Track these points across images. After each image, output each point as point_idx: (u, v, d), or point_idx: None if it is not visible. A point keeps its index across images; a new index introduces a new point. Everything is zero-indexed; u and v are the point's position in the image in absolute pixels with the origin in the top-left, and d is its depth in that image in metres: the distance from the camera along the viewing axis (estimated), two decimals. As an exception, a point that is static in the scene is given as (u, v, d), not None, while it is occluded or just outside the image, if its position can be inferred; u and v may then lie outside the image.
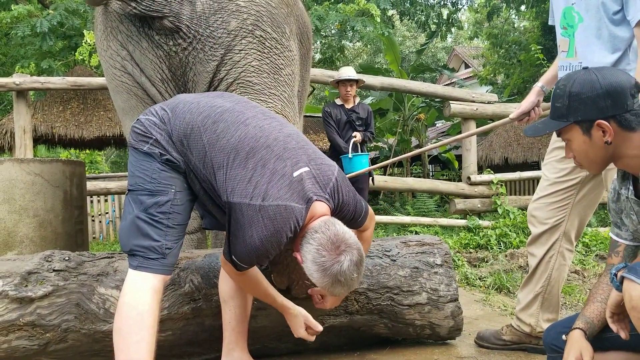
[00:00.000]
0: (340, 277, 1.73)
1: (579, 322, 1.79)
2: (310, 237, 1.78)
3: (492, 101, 6.68)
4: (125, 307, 1.78)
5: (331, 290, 1.78)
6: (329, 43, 10.95)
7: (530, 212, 2.56)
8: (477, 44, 26.05)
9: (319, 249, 1.74)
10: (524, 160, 12.29)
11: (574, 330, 1.77)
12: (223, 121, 1.92)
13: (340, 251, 1.74)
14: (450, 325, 2.59)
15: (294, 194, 1.78)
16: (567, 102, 1.73)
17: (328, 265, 1.72)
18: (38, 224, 2.97)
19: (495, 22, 17.06)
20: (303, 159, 1.87)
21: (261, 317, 2.35)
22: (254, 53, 2.74)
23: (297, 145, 1.91)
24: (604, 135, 1.69)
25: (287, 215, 1.75)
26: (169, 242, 1.87)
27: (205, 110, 1.97)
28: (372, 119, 5.56)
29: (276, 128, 1.95)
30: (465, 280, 4.31)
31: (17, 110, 6.14)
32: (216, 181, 1.87)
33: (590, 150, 1.75)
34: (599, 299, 1.81)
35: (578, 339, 1.74)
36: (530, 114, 2.63)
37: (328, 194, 1.86)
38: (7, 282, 2.07)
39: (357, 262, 1.76)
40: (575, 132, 1.75)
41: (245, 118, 1.95)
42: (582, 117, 1.71)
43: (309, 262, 1.77)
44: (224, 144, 1.87)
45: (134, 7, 2.56)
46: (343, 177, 1.97)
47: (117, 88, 2.92)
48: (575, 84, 1.72)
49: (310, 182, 1.83)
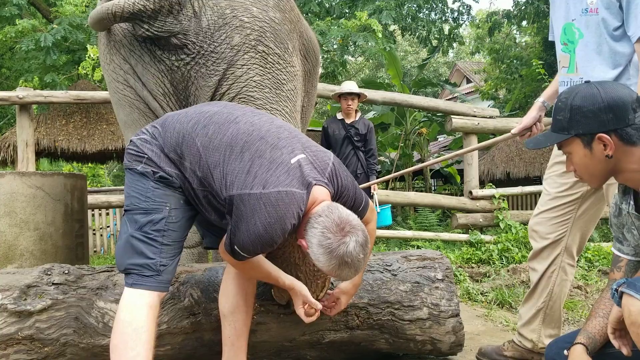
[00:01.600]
0: (347, 258, 1.73)
1: (580, 337, 1.77)
2: (314, 221, 1.78)
3: (494, 116, 6.69)
4: (121, 323, 1.78)
5: (338, 272, 1.78)
6: (331, 58, 11.00)
7: (531, 226, 2.55)
8: (478, 59, 26.17)
9: (324, 232, 1.74)
10: (526, 174, 12.26)
11: (576, 346, 1.75)
12: (213, 123, 1.94)
13: (345, 232, 1.74)
14: (451, 341, 2.57)
15: (294, 180, 1.79)
16: (569, 115, 1.73)
17: (334, 247, 1.72)
18: (38, 238, 2.97)
19: (496, 38, 17.15)
20: (298, 146, 1.89)
21: (261, 332, 2.34)
22: (256, 68, 2.75)
23: (289, 135, 1.93)
24: (605, 148, 1.69)
25: (289, 201, 1.76)
26: (164, 259, 1.87)
27: (194, 117, 1.99)
28: (372, 134, 5.52)
29: (267, 122, 1.98)
30: (467, 295, 4.29)
31: (19, 124, 6.17)
32: (214, 180, 1.87)
33: (591, 164, 1.75)
34: (601, 314, 1.79)
35: (579, 355, 1.73)
36: (532, 129, 2.63)
37: (327, 179, 1.88)
38: (6, 295, 2.07)
39: (363, 242, 1.76)
40: (576, 145, 1.75)
41: (234, 117, 1.97)
42: (583, 130, 1.71)
43: (314, 247, 1.76)
44: (217, 144, 1.89)
45: (146, 30, 2.58)
46: (339, 162, 1.99)
47: (120, 101, 2.93)
48: (577, 97, 1.73)
49: (309, 168, 1.84)
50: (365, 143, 5.46)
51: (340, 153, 5.42)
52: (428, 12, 13.35)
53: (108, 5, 2.52)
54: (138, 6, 2.50)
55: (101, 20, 2.59)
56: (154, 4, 2.52)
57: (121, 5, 2.51)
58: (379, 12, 10.80)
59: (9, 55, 13.13)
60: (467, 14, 13.52)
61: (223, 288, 2.14)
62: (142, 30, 2.59)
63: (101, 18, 2.57)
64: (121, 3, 2.51)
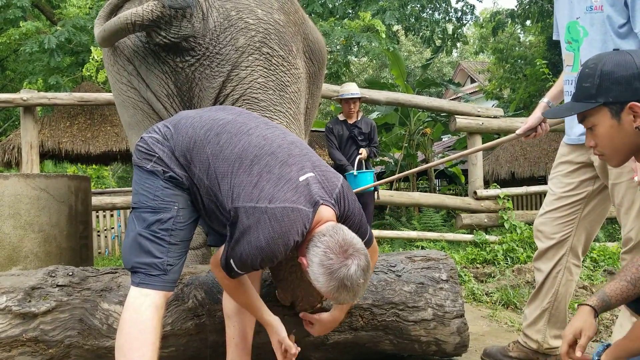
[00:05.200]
0: (347, 281, 1.69)
1: (593, 298, 1.66)
2: (317, 240, 1.75)
3: (498, 115, 6.67)
4: (127, 323, 1.77)
5: (336, 295, 1.74)
6: (335, 58, 11.00)
7: (536, 227, 2.54)
8: (482, 59, 26.13)
9: (326, 252, 1.71)
10: (530, 174, 12.23)
11: (583, 306, 1.65)
12: (226, 132, 1.93)
13: (348, 255, 1.71)
14: (456, 342, 2.56)
15: (301, 197, 1.77)
16: (598, 82, 1.61)
17: (335, 268, 1.69)
18: (43, 239, 2.97)
19: (500, 37, 17.11)
20: (308, 165, 1.87)
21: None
22: (260, 70, 2.75)
23: (300, 152, 1.91)
24: (635, 120, 1.58)
25: (295, 217, 1.74)
26: (171, 259, 1.87)
27: (207, 123, 1.97)
28: (375, 133, 5.55)
29: (279, 136, 1.96)
30: (472, 296, 4.27)
31: (24, 126, 6.18)
32: (220, 191, 1.86)
33: (617, 137, 1.63)
34: (628, 278, 1.66)
35: (584, 316, 1.63)
36: (537, 130, 2.61)
37: (334, 200, 1.85)
38: (11, 297, 2.07)
39: (365, 267, 1.72)
40: (602, 116, 1.63)
41: (248, 128, 1.95)
42: (613, 98, 1.59)
43: (315, 266, 1.73)
44: (227, 154, 1.87)
45: (163, 37, 2.57)
46: (348, 186, 1.96)
47: (124, 103, 2.93)
48: (607, 62, 1.61)
49: (317, 187, 1.82)
50: (369, 142, 5.49)
51: (345, 153, 5.44)
52: (431, 12, 13.34)
53: (126, 15, 2.49)
54: (157, 12, 2.49)
55: (119, 31, 2.54)
56: (169, 9, 2.50)
57: (140, 14, 2.48)
58: (382, 12, 10.80)
59: (13, 58, 13.19)
60: (471, 14, 13.49)
61: (227, 289, 2.13)
62: (160, 38, 2.57)
63: (120, 29, 2.52)
64: (139, 12, 2.48)
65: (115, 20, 2.52)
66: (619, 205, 2.27)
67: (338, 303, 2.05)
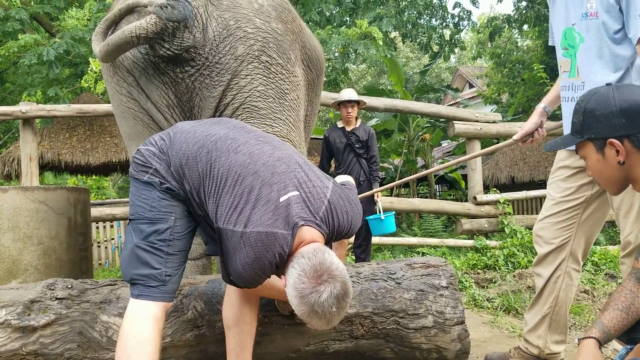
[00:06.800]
0: (317, 308, 1.65)
1: (594, 330, 1.67)
2: (296, 261, 1.72)
3: (496, 120, 6.68)
4: (126, 336, 1.77)
5: (308, 320, 1.70)
6: (333, 66, 11.02)
7: (536, 232, 2.54)
8: (480, 64, 26.20)
9: (300, 275, 1.67)
10: (530, 179, 12.22)
11: (588, 339, 1.65)
12: (216, 150, 1.93)
13: (321, 281, 1.66)
14: (457, 349, 2.55)
15: (278, 220, 1.74)
16: (582, 119, 1.70)
17: (306, 293, 1.65)
18: (42, 252, 2.97)
19: (498, 42, 17.16)
20: (292, 183, 1.83)
21: (265, 343, 2.33)
22: (259, 78, 2.76)
23: (287, 169, 1.87)
24: (617, 155, 1.64)
25: (269, 242, 1.71)
26: (169, 269, 1.87)
27: (200, 139, 1.97)
28: (373, 141, 5.46)
29: (266, 152, 1.93)
30: (473, 302, 4.27)
31: (23, 138, 6.19)
32: (208, 208, 1.88)
33: (605, 170, 1.70)
34: (620, 307, 1.69)
35: (591, 349, 1.63)
36: (534, 135, 2.62)
37: (320, 219, 1.81)
38: (10, 311, 2.07)
39: (339, 295, 1.66)
40: (589, 150, 1.71)
41: (236, 145, 1.94)
42: (595, 134, 1.67)
43: (289, 287, 1.70)
44: (214, 173, 1.88)
45: (167, 49, 2.58)
46: (338, 196, 1.90)
47: (124, 114, 2.94)
48: (591, 100, 1.69)
49: (299, 207, 1.78)
50: (367, 150, 5.41)
51: (343, 161, 5.40)
52: (428, 19, 13.37)
53: (130, 28, 2.50)
54: (160, 25, 2.50)
55: (123, 45, 2.54)
56: (168, 22, 2.51)
57: (144, 27, 2.49)
58: (379, 19, 10.82)
59: (12, 70, 13.22)
60: (468, 19, 13.53)
61: (227, 299, 2.13)
62: (164, 50, 2.57)
63: (124, 42, 2.52)
64: (143, 25, 2.49)
65: (120, 34, 2.52)
66: (618, 209, 2.27)
67: (312, 328, 1.93)
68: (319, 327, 1.73)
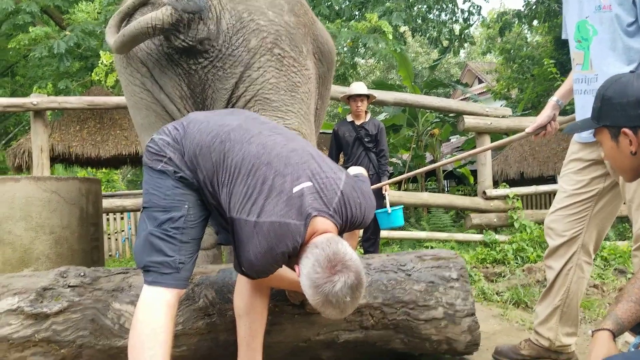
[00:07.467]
0: (331, 297, 1.66)
1: (608, 322, 1.65)
2: (309, 251, 1.73)
3: (506, 115, 6.65)
4: (139, 323, 1.78)
5: (322, 310, 1.71)
6: (342, 60, 11.00)
7: (547, 224, 2.53)
8: (490, 59, 26.06)
9: (314, 265, 1.68)
10: (539, 174, 12.16)
11: (602, 331, 1.64)
12: (229, 140, 1.93)
13: (335, 271, 1.66)
14: (467, 340, 2.55)
15: (292, 210, 1.74)
16: (600, 105, 1.71)
17: (320, 283, 1.66)
18: (54, 241, 2.99)
19: (507, 37, 17.06)
20: (305, 174, 1.83)
21: (276, 332, 2.34)
22: (272, 71, 2.77)
23: (300, 160, 1.88)
24: (630, 144, 1.65)
25: (282, 233, 1.72)
26: (182, 257, 1.88)
27: (214, 129, 1.98)
28: (383, 135, 5.43)
29: (279, 143, 1.94)
30: (482, 295, 4.26)
31: (34, 130, 6.22)
32: (220, 199, 1.89)
33: (618, 158, 1.72)
34: (633, 299, 1.67)
35: (605, 342, 1.62)
36: (547, 128, 2.61)
37: (333, 210, 1.81)
38: (23, 298, 2.08)
39: (353, 285, 1.67)
40: (605, 136, 1.73)
41: (250, 136, 1.95)
42: (610, 122, 1.69)
43: (303, 277, 1.72)
44: (228, 164, 1.88)
45: (182, 40, 2.59)
46: (351, 188, 1.91)
47: (137, 105, 2.95)
48: (610, 87, 1.70)
49: (312, 197, 1.78)
50: (376, 144, 5.39)
51: (352, 155, 5.39)
52: (438, 13, 13.31)
53: (146, 19, 2.50)
54: (175, 16, 2.51)
55: (139, 36, 2.55)
56: (183, 13, 2.52)
57: (160, 18, 2.50)
58: (389, 13, 10.78)
59: (23, 63, 13.29)
60: (478, 14, 13.46)
61: (238, 288, 2.14)
62: (179, 41, 2.58)
63: (139, 33, 2.53)
64: (159, 16, 2.50)
65: (135, 25, 2.54)
66: (630, 201, 2.26)
67: (326, 317, 1.95)
68: (333, 316, 1.75)
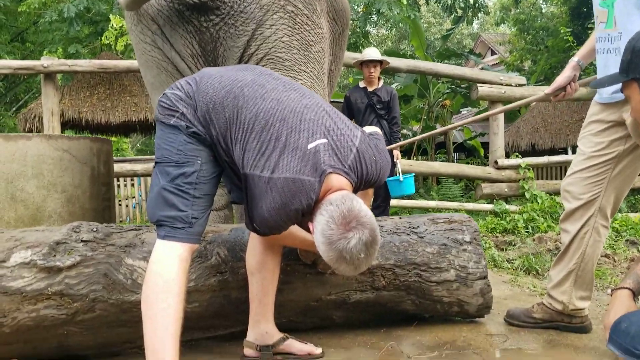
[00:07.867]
0: (345, 254, 1.65)
1: (628, 281, 1.66)
2: (324, 208, 1.71)
3: (521, 84, 6.55)
4: (153, 275, 1.78)
5: (336, 266, 1.71)
6: (354, 29, 10.84)
7: (564, 187, 2.48)
8: (503, 31, 25.67)
9: (328, 222, 1.68)
10: (551, 146, 12.06)
11: (622, 290, 1.64)
12: (243, 96, 1.90)
13: (350, 227, 1.66)
14: (479, 303, 2.55)
15: (306, 166, 1.72)
16: (630, 57, 1.66)
17: (334, 239, 1.66)
18: (66, 200, 2.98)
19: (522, 8, 16.76)
20: (320, 130, 1.81)
21: (287, 291, 2.34)
22: (284, 28, 2.71)
23: (315, 116, 1.85)
24: None
25: (296, 189, 1.71)
26: (195, 212, 1.86)
27: (227, 85, 1.94)
28: (395, 102, 5.33)
29: (294, 99, 1.90)
30: (493, 262, 4.25)
31: (45, 93, 6.22)
32: (234, 154, 1.87)
33: None
34: None
35: (626, 300, 1.62)
36: (566, 89, 2.55)
37: (348, 167, 1.79)
38: (36, 251, 2.08)
39: (367, 242, 1.67)
40: (634, 90, 1.68)
41: (264, 92, 1.91)
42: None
43: (317, 234, 1.71)
44: (242, 119, 1.86)
45: None
46: (366, 145, 1.87)
47: (147, 63, 2.91)
48: None
49: (327, 154, 1.76)
50: (389, 111, 5.31)
51: (363, 122, 5.32)
52: (453, -20, 13.03)
53: None
54: None
55: None
56: None
57: None
58: (404, -22, 10.57)
59: (33, 30, 13.21)
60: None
61: (250, 246, 2.13)
62: None
63: None
64: None
65: None
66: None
67: (339, 273, 1.95)
68: (347, 273, 1.75)
